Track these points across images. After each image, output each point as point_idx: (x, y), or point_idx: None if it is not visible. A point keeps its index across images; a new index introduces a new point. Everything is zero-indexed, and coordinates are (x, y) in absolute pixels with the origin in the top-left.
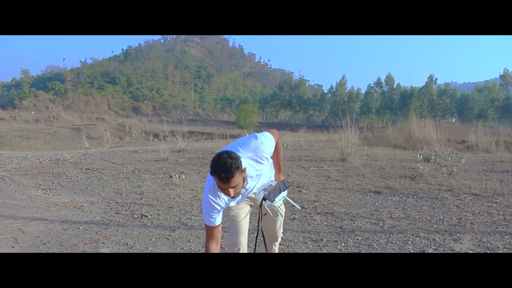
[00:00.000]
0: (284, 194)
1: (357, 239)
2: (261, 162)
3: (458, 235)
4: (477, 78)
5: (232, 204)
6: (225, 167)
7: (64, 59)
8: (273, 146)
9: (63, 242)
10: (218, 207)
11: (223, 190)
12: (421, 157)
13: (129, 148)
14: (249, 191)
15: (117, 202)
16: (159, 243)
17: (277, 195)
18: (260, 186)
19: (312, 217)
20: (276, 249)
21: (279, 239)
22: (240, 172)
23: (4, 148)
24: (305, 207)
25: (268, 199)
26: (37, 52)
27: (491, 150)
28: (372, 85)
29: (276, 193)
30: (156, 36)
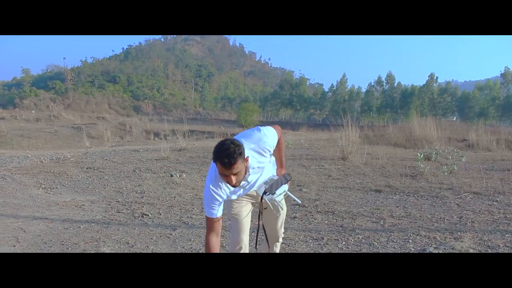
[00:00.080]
0: (286, 189)
1: (358, 238)
2: (264, 155)
3: (459, 234)
4: (478, 77)
5: (233, 197)
6: (228, 153)
7: (65, 58)
8: (276, 140)
9: (64, 241)
10: (219, 199)
11: (225, 178)
12: (422, 156)
13: (130, 147)
14: (251, 186)
15: (118, 201)
16: (160, 242)
17: (278, 188)
18: (262, 182)
19: (313, 216)
20: (277, 250)
21: (280, 240)
22: (243, 160)
23: (5, 147)
24: (306, 206)
25: (269, 192)
26: (38, 51)
27: (492, 149)
28: (373, 84)
29: (278, 186)
30: (157, 35)
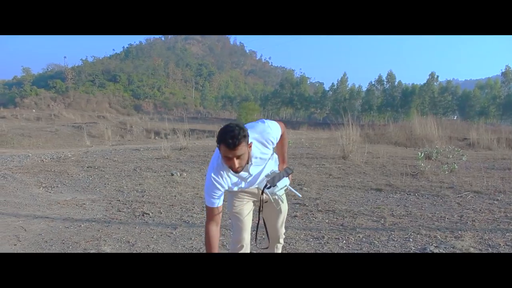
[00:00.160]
0: (287, 183)
1: (359, 237)
2: (267, 146)
3: (460, 233)
4: (479, 76)
5: (235, 189)
6: (233, 134)
7: (65, 57)
8: (279, 134)
9: (65, 240)
10: (221, 188)
11: (228, 161)
12: (423, 155)
13: (131, 146)
14: (253, 179)
15: (119, 200)
16: (161, 241)
17: (280, 180)
18: (263, 176)
19: (314, 215)
20: (279, 252)
21: (281, 240)
22: (247, 144)
23: (6, 146)
24: (307, 205)
25: (271, 184)
26: (39, 50)
27: (493, 148)
28: (374, 83)
29: (279, 178)
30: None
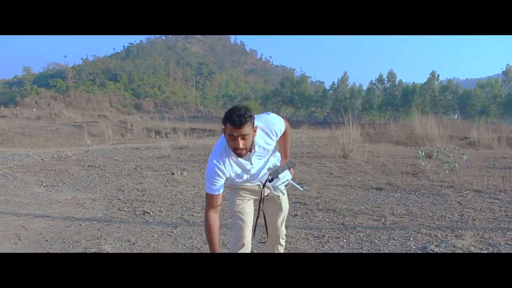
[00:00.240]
0: (289, 178)
1: (359, 236)
2: (271, 136)
3: (460, 232)
4: (479, 74)
5: (237, 181)
6: (239, 113)
7: (66, 56)
8: (283, 127)
9: (66, 239)
10: (222, 175)
11: (233, 141)
12: (423, 154)
13: (131, 145)
14: (255, 173)
15: (119, 199)
16: (161, 240)
17: (282, 172)
18: (266, 170)
19: (314, 214)
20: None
21: (282, 242)
22: (252, 125)
23: (6, 146)
24: (307, 204)
25: (273, 176)
26: (39, 50)
27: (493, 147)
28: (374, 82)
29: (282, 170)
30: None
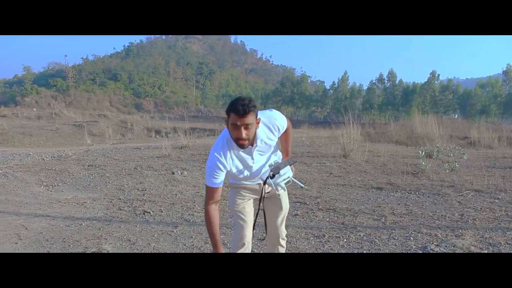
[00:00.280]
0: (290, 175)
1: (359, 235)
2: (273, 132)
3: (460, 231)
4: (480, 74)
5: (239, 177)
6: (243, 102)
7: (66, 56)
8: (285, 124)
9: (66, 239)
10: (222, 168)
11: (236, 131)
12: (423, 153)
13: (131, 145)
14: (256, 170)
15: (120, 199)
16: (162, 239)
17: (283, 168)
18: (267, 167)
19: (314, 213)
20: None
21: (283, 243)
22: (256, 116)
23: (7, 145)
24: (307, 203)
25: (274, 172)
26: (39, 49)
27: (494, 146)
28: (374, 81)
29: (283, 166)
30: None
